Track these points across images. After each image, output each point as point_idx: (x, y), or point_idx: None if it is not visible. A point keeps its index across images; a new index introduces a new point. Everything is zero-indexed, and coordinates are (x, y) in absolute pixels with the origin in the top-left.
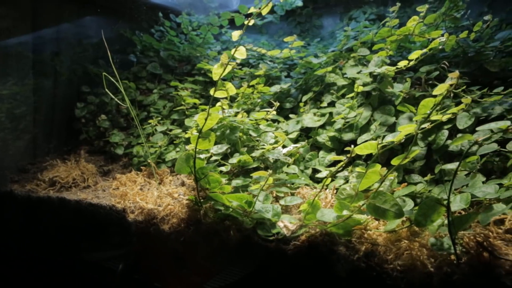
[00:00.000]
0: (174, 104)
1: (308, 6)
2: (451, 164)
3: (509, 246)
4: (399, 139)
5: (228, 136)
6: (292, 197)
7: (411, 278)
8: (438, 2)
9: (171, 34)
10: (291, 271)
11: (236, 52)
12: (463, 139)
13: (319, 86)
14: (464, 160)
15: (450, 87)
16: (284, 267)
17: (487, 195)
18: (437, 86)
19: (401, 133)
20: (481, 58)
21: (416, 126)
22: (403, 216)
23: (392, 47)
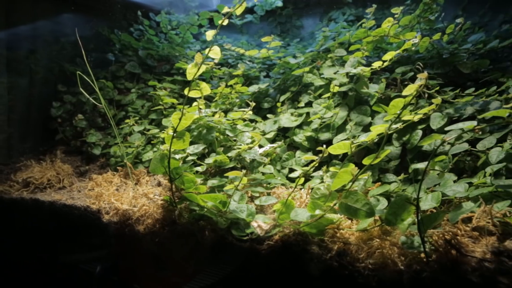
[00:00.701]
0: (153, 104)
1: (288, 6)
2: (421, 164)
3: (476, 243)
4: (370, 139)
5: (204, 136)
6: (267, 197)
7: (382, 276)
8: (414, 4)
9: (150, 33)
10: (266, 270)
11: (211, 52)
12: (432, 139)
13: (297, 86)
14: (433, 159)
15: (419, 87)
16: (259, 267)
17: (457, 194)
18: (407, 87)
19: (373, 132)
20: (454, 60)
21: (387, 126)
22: (374, 215)
23: (368, 48)
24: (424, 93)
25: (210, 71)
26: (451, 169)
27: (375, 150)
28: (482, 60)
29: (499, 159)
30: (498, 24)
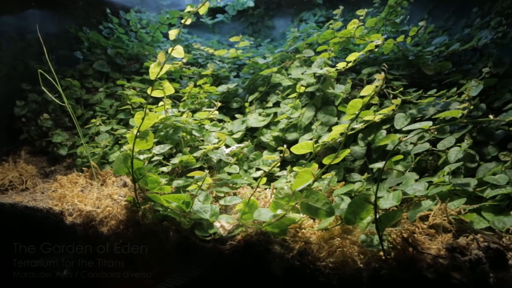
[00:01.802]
0: (121, 103)
1: (260, 7)
2: (380, 163)
3: (432, 240)
4: (331, 139)
5: (171, 136)
6: (232, 197)
7: (342, 275)
8: (383, 7)
9: (119, 31)
10: (230, 270)
11: (174, 51)
12: (388, 139)
13: (265, 86)
14: (391, 159)
15: (376, 88)
16: (223, 267)
17: (417, 192)
18: (364, 87)
19: (333, 132)
20: (419, 61)
21: (347, 126)
22: (334, 214)
23: (335, 49)
24: (389, 93)
25: (179, 71)
26: (413, 168)
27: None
28: (445, 62)
29: (457, 158)
30: (461, 28)
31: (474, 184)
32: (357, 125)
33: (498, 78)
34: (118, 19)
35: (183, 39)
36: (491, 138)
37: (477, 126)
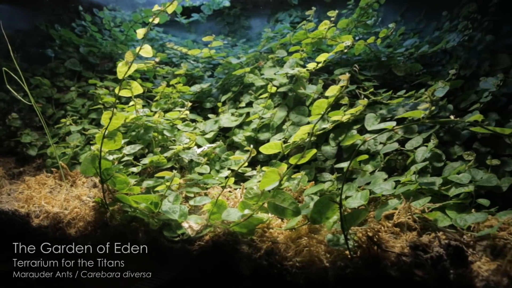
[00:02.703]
0: (94, 103)
1: (236, 6)
2: (345, 163)
3: (397, 239)
4: (298, 139)
5: (142, 136)
6: (202, 197)
7: (309, 274)
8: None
9: (92, 30)
10: (198, 271)
11: (142, 50)
12: (353, 139)
13: (238, 86)
14: (355, 159)
15: (341, 88)
16: (192, 267)
17: (384, 192)
18: (329, 88)
19: (299, 132)
20: (390, 63)
21: (312, 126)
22: (300, 214)
23: (307, 49)
24: (360, 94)
25: (153, 70)
26: (383, 168)
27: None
28: (415, 64)
29: (424, 158)
30: (431, 31)
31: (439, 183)
32: (326, 125)
33: (465, 79)
34: (91, 17)
35: (157, 38)
36: (457, 138)
37: (445, 127)
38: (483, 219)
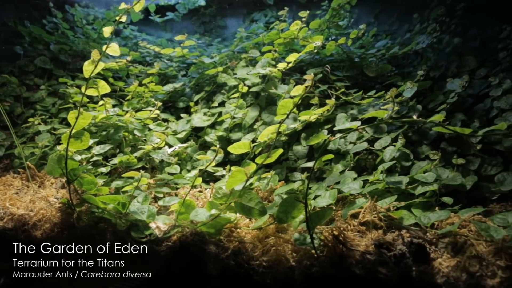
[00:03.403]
0: (64, 102)
1: (212, 6)
2: (310, 162)
3: (362, 237)
4: (264, 139)
5: (112, 136)
6: (171, 197)
7: (275, 273)
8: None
9: (64, 27)
10: (166, 271)
11: (109, 49)
12: (318, 138)
13: (211, 86)
14: (320, 158)
15: (306, 88)
16: (160, 268)
17: (352, 191)
18: (295, 87)
19: (265, 132)
20: (362, 63)
21: (278, 126)
22: (266, 213)
23: (280, 49)
24: (332, 94)
25: (125, 69)
26: (353, 167)
27: (285, 150)
28: (385, 64)
29: (392, 157)
30: (403, 33)
31: (406, 182)
32: (294, 125)
33: (434, 80)
34: (63, 14)
35: (131, 36)
36: (425, 138)
37: (414, 127)
38: (446, 217)
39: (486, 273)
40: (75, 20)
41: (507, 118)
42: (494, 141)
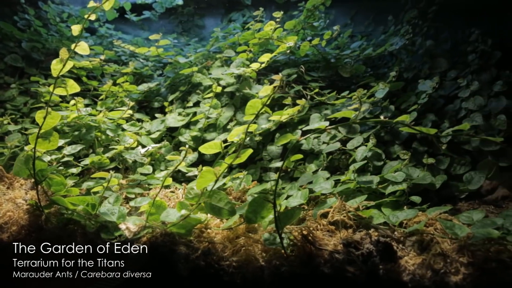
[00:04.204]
0: (36, 101)
1: (189, 5)
2: (279, 162)
3: (332, 237)
4: (232, 139)
5: (83, 136)
6: (143, 198)
7: (245, 273)
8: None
9: (36, 24)
10: (138, 272)
11: (78, 48)
12: (286, 139)
13: (187, 86)
14: (289, 158)
15: (274, 89)
16: (130, 269)
17: (323, 190)
18: (263, 88)
19: (233, 132)
20: (337, 64)
21: (246, 126)
22: (235, 213)
23: (255, 49)
24: (307, 94)
25: (100, 68)
26: (326, 167)
27: (259, 150)
28: (359, 65)
29: (363, 157)
30: (379, 34)
31: (377, 182)
32: (266, 125)
33: (408, 82)
34: (36, 10)
35: (107, 35)
36: (397, 138)
37: (387, 127)
38: (413, 216)
39: (450, 270)
40: (49, 18)
41: (474, 118)
42: (463, 141)
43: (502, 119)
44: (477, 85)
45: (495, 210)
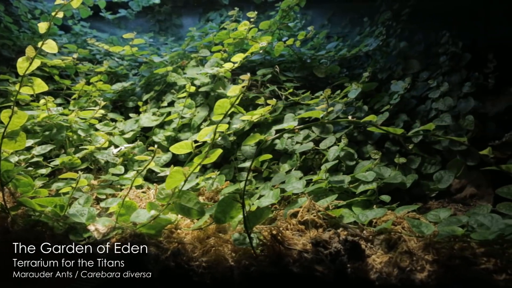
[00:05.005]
0: (6, 100)
1: (166, 4)
2: (247, 162)
3: (302, 236)
4: (201, 139)
5: (54, 136)
6: (113, 199)
7: (215, 273)
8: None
9: (7, 20)
10: (105, 274)
11: (45, 46)
12: (255, 139)
13: (161, 85)
14: (257, 158)
15: (242, 88)
16: (100, 270)
17: (294, 190)
18: (231, 88)
19: (202, 132)
20: (312, 64)
21: (215, 127)
22: (204, 214)
23: (229, 49)
24: (281, 95)
25: (73, 67)
26: (300, 167)
27: (234, 150)
28: (334, 66)
29: (335, 156)
30: (355, 35)
31: (348, 181)
32: (236, 125)
33: (382, 82)
34: (5, 6)
35: (81, 33)
36: (369, 138)
37: (360, 127)
38: (382, 214)
39: (415, 268)
40: (20, 14)
41: (444, 119)
42: (434, 141)
43: (470, 120)
44: (447, 86)
45: (463, 208)
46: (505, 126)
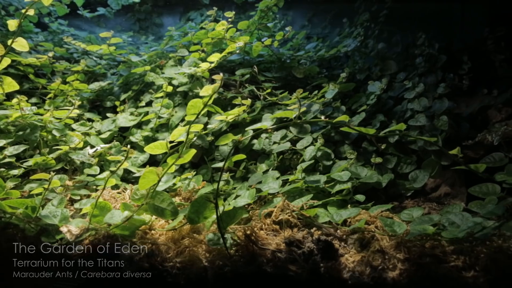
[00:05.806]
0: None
1: (147, 3)
2: (221, 163)
3: (276, 236)
4: (173, 139)
5: (27, 136)
6: (88, 200)
7: (189, 274)
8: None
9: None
10: (80, 276)
11: (16, 44)
12: (228, 139)
13: (139, 85)
14: (231, 159)
15: (215, 88)
16: (74, 272)
17: (270, 190)
18: (204, 88)
19: (175, 133)
20: (291, 65)
21: (188, 127)
22: (178, 214)
23: (208, 49)
24: (260, 95)
25: (50, 66)
26: (277, 167)
27: (212, 150)
28: (312, 66)
29: (312, 156)
30: (334, 36)
31: (324, 181)
32: (212, 125)
33: (361, 83)
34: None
35: (59, 31)
36: (347, 138)
37: (338, 127)
38: (356, 214)
39: (387, 266)
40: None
41: (419, 119)
42: (409, 141)
43: (444, 120)
44: (423, 87)
45: (437, 207)
46: (478, 126)
